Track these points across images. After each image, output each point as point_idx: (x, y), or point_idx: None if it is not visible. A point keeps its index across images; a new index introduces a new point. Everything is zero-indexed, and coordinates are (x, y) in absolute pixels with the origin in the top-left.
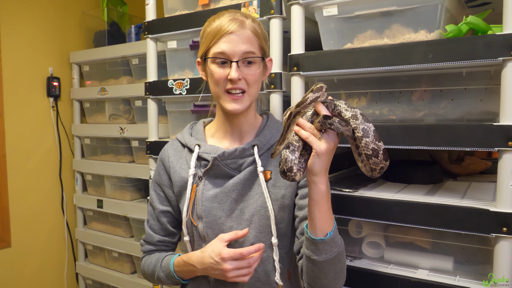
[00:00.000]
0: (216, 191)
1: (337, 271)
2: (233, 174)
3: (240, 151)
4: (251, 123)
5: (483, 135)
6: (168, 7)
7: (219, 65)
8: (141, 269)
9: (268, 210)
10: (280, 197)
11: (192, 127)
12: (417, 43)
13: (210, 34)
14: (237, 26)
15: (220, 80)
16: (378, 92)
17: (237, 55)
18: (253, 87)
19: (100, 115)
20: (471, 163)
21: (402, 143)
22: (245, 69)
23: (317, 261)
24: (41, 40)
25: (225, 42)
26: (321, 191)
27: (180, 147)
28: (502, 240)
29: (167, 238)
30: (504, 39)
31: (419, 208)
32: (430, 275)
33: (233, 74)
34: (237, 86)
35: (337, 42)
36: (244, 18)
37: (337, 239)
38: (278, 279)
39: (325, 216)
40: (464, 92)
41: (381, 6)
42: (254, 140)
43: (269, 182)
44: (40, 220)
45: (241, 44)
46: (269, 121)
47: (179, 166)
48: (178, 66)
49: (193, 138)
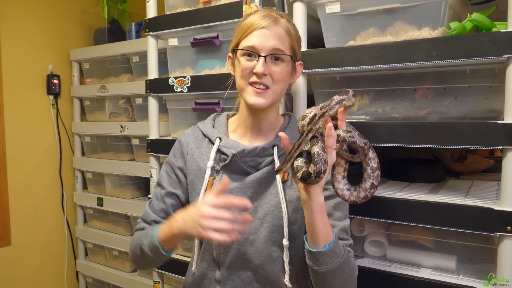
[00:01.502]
0: (232, 186)
1: (343, 280)
2: (250, 172)
3: (260, 150)
4: (272, 123)
5: (487, 133)
6: (169, 4)
7: (247, 58)
8: (129, 247)
9: (282, 211)
10: (295, 198)
11: (215, 119)
12: (420, 41)
13: (243, 28)
14: (270, 22)
15: (246, 72)
16: (381, 90)
17: (266, 49)
18: (278, 85)
19: (100, 113)
20: (473, 162)
21: (405, 141)
22: (272, 66)
23: (318, 271)
24: (41, 38)
25: (256, 36)
26: (320, 202)
27: (201, 136)
28: (506, 239)
29: (164, 221)
30: (509, 36)
31: (421, 206)
32: (433, 274)
33: (259, 68)
34: (261, 81)
35: (339, 40)
36: (279, 16)
37: (338, 250)
38: (287, 281)
39: (325, 227)
40: (468, 90)
41: (384, 3)
42: (274, 140)
43: (286, 183)
44: (40, 218)
45: (272, 39)
46: (290, 122)
47: (198, 154)
48: (179, 63)
49: (215, 130)
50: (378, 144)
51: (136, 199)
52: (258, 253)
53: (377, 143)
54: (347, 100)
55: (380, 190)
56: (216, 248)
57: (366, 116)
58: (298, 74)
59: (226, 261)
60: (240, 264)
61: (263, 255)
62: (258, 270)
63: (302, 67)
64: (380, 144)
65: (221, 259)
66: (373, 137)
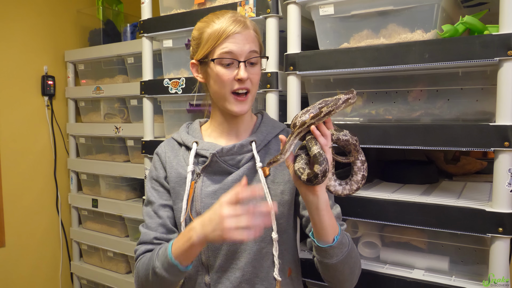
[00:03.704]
0: (215, 188)
1: (351, 266)
2: (231, 171)
3: (239, 147)
4: (247, 123)
5: (479, 135)
6: (164, 6)
7: (225, 66)
8: (135, 277)
9: None
10: (279, 192)
11: (188, 126)
12: (413, 43)
13: (213, 35)
14: (242, 27)
15: (228, 81)
16: (374, 92)
17: (244, 54)
18: (255, 87)
19: (95, 114)
20: (466, 163)
21: (398, 143)
22: (250, 69)
23: (329, 264)
24: (36, 39)
25: (232, 42)
26: (326, 199)
27: (177, 146)
28: (498, 240)
29: (165, 236)
30: (500, 39)
31: (415, 208)
32: (426, 275)
33: (243, 74)
34: (244, 86)
35: (333, 42)
36: (244, 18)
37: (344, 240)
38: (276, 274)
39: (331, 221)
40: (460, 92)
41: (377, 5)
42: (251, 136)
43: (268, 178)
44: (35, 220)
45: (247, 43)
46: (264, 118)
47: (176, 162)
48: (173, 65)
49: (190, 136)
50: (371, 145)
51: (131, 200)
52: (247, 251)
53: (370, 144)
54: (352, 99)
55: (373, 192)
56: (205, 251)
57: (359, 118)
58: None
59: (216, 264)
60: (229, 265)
61: (252, 252)
62: (247, 269)
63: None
64: (374, 145)
65: (210, 263)
66: (366, 139)
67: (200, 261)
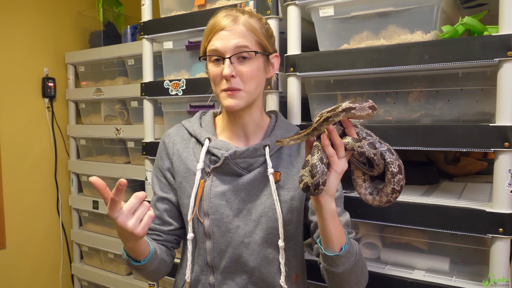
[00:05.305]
0: (224, 189)
1: (358, 275)
2: (242, 173)
3: (252, 151)
4: (257, 123)
5: (479, 136)
6: (164, 8)
7: (214, 63)
8: None
9: (276, 212)
10: (288, 199)
11: (201, 117)
12: (413, 44)
13: (205, 33)
14: (229, 22)
15: (217, 79)
16: (374, 93)
17: (229, 50)
18: (249, 84)
19: (95, 116)
20: (467, 164)
21: (398, 144)
22: (239, 65)
23: (336, 273)
24: (36, 41)
25: (217, 39)
26: (332, 210)
27: (187, 136)
28: (498, 241)
29: (159, 227)
30: (500, 40)
31: (415, 208)
32: (427, 276)
33: (225, 71)
34: (231, 87)
35: (333, 43)
36: (240, 13)
37: (352, 249)
38: (283, 282)
39: (338, 231)
40: (460, 93)
41: (377, 7)
42: (265, 140)
43: (278, 183)
44: (35, 222)
45: (233, 39)
46: (278, 120)
47: (186, 155)
48: (174, 66)
49: (203, 130)
50: None
51: None
52: (254, 256)
53: None
54: (362, 110)
55: None
56: (211, 252)
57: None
58: (276, 66)
59: (221, 265)
60: (235, 267)
61: (259, 257)
62: (254, 272)
63: (278, 59)
64: None
65: (215, 264)
66: None
67: (205, 261)
